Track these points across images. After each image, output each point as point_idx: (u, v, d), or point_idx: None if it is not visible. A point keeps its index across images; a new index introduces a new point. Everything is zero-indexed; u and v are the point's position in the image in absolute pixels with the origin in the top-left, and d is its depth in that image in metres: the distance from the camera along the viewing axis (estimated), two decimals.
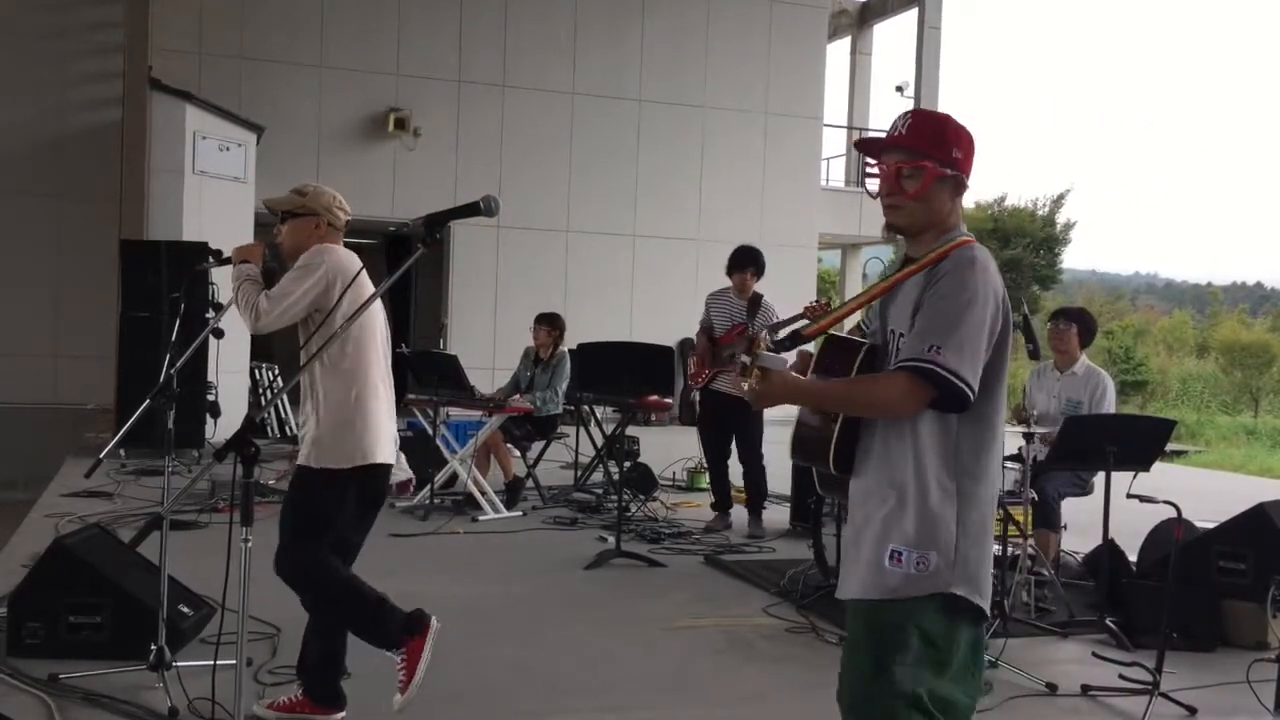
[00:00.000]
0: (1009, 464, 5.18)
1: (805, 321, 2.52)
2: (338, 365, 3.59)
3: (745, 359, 2.33)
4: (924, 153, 2.38)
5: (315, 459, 3.59)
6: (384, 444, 3.68)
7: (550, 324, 8.46)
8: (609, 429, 9.18)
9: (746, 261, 7.39)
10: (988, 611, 2.40)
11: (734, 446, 7.50)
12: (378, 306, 3.71)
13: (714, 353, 7.38)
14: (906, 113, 2.47)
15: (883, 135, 2.48)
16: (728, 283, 7.51)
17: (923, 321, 2.33)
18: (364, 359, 3.65)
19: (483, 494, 7.80)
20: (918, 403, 2.30)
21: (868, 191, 2.51)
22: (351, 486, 3.61)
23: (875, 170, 2.46)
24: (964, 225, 2.47)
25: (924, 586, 2.31)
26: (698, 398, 7.65)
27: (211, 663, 3.60)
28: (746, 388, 2.36)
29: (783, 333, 2.41)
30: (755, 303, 7.37)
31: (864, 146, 2.52)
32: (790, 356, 2.45)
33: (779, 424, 7.62)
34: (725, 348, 7.33)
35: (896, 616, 2.32)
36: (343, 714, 3.78)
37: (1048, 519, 5.83)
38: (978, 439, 2.37)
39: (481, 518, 7.61)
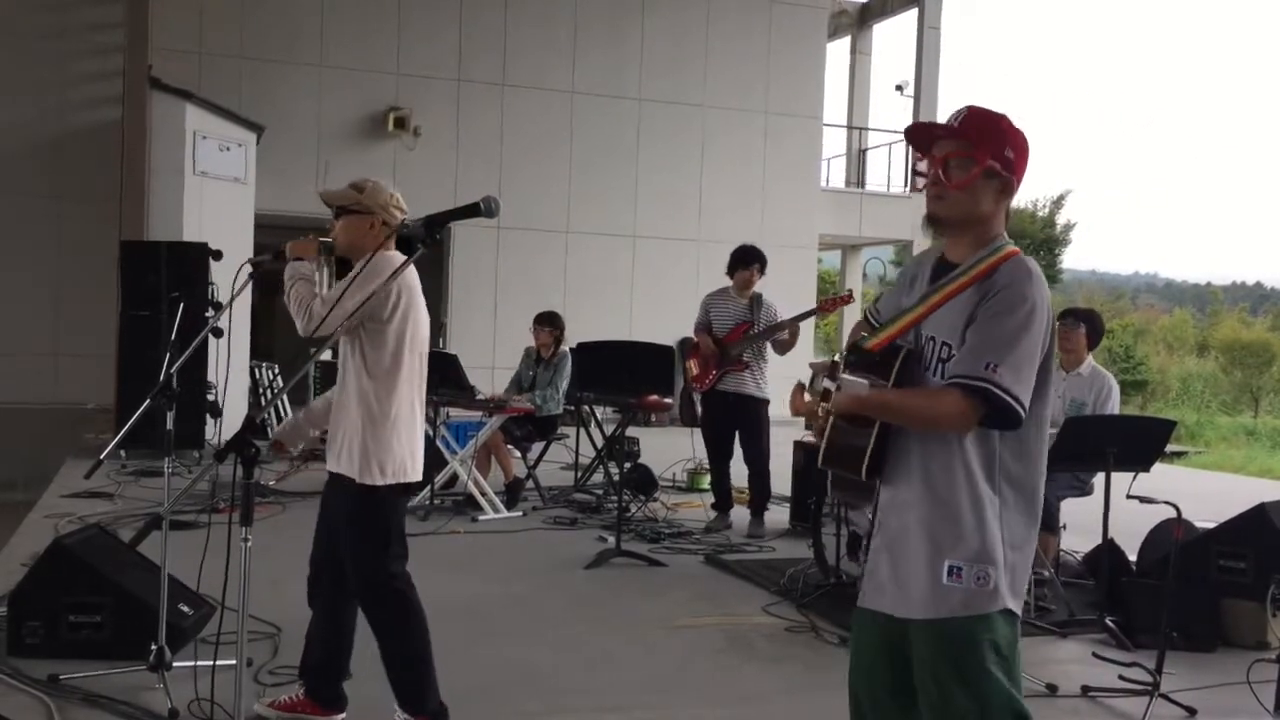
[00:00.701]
0: None
1: (863, 335, 2.44)
2: (386, 378, 3.53)
3: (830, 385, 2.31)
4: (975, 145, 2.35)
5: (358, 472, 3.52)
6: (419, 461, 3.66)
7: (550, 324, 8.46)
8: (609, 429, 9.18)
9: (752, 258, 7.40)
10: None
11: (737, 446, 7.49)
12: (426, 319, 3.67)
13: (721, 352, 7.36)
14: (963, 107, 2.42)
15: (935, 123, 2.43)
16: (726, 283, 7.51)
17: (978, 337, 2.28)
18: (412, 374, 3.60)
19: (483, 494, 7.80)
20: (971, 421, 2.27)
21: (914, 184, 2.48)
22: (399, 492, 3.60)
23: (923, 167, 2.42)
24: (1006, 234, 2.42)
25: (986, 604, 2.29)
26: (699, 397, 7.63)
27: (211, 663, 3.60)
28: (821, 411, 2.35)
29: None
30: (757, 301, 7.38)
31: (915, 134, 2.46)
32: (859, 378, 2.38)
33: (779, 424, 7.65)
34: (731, 346, 7.32)
35: (965, 633, 2.30)
36: (343, 715, 3.78)
37: (1047, 522, 5.81)
38: (1022, 448, 2.35)
39: (482, 518, 7.61)
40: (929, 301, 2.39)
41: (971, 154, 2.34)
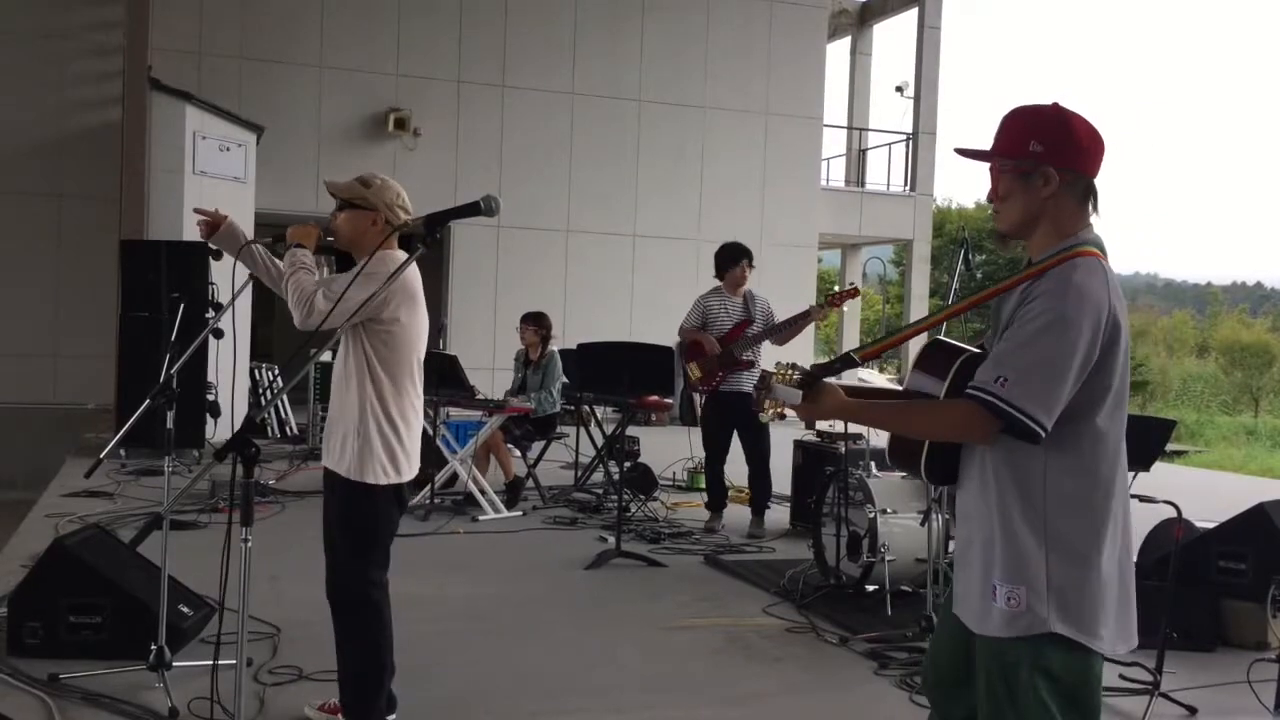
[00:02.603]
0: None
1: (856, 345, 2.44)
2: (390, 379, 3.51)
3: (760, 391, 2.31)
4: (1000, 152, 2.29)
5: (356, 472, 3.49)
6: (416, 459, 3.66)
7: (536, 323, 8.45)
8: (609, 429, 9.18)
9: (740, 254, 7.43)
10: (1107, 649, 2.23)
11: (735, 445, 7.48)
12: (424, 320, 3.65)
13: (724, 354, 7.34)
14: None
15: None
16: (717, 284, 7.51)
17: (1002, 346, 2.21)
18: (413, 375, 3.59)
19: (483, 494, 7.80)
20: (983, 433, 2.19)
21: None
22: (392, 498, 3.59)
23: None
24: (1090, 230, 2.28)
25: (1022, 627, 2.20)
26: (700, 397, 7.62)
27: (211, 663, 3.60)
28: (770, 415, 2.35)
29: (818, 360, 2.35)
30: (750, 298, 7.41)
31: (967, 156, 2.39)
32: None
33: (781, 423, 7.63)
34: (734, 346, 7.30)
35: (1012, 656, 2.22)
36: (393, 717, 3.71)
37: None
38: (1078, 464, 2.23)
39: (482, 518, 7.61)
40: (940, 313, 2.35)
41: (994, 161, 2.29)
